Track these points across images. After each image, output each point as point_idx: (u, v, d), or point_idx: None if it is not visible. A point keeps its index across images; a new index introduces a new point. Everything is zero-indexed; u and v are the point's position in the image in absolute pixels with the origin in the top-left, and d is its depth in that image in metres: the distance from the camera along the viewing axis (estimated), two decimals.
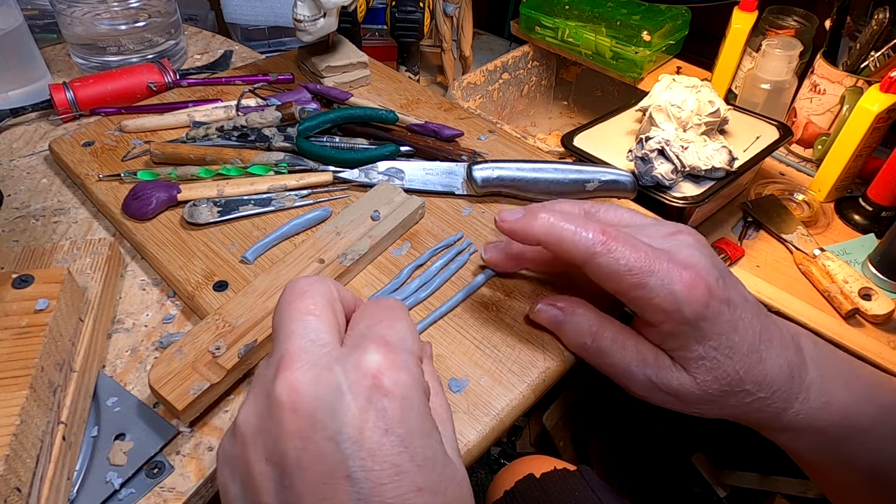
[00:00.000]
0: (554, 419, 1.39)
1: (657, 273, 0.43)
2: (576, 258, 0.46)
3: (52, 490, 0.42)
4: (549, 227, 0.47)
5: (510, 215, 0.50)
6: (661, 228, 0.48)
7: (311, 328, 0.36)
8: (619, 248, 0.44)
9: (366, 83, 0.93)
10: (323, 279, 0.40)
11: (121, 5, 0.92)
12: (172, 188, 0.67)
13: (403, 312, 0.40)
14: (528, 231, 0.48)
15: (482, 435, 0.49)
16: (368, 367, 0.33)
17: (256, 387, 0.36)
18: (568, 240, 0.45)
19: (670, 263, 0.43)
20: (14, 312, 0.47)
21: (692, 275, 0.43)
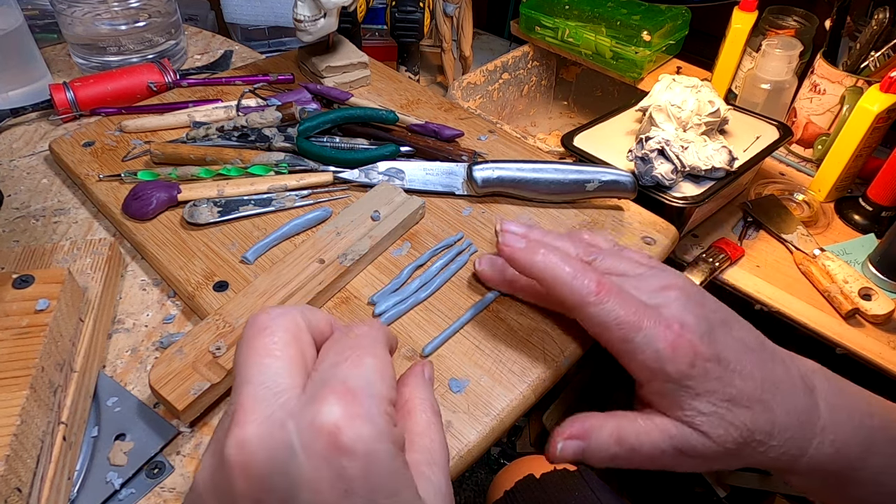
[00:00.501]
0: (554, 419, 1.39)
1: (643, 330, 0.43)
2: (568, 302, 0.46)
3: (53, 490, 0.42)
4: (547, 266, 0.47)
5: (513, 240, 0.50)
6: (653, 281, 0.48)
7: (269, 373, 0.34)
8: (611, 302, 0.44)
9: (366, 83, 0.93)
10: (288, 309, 0.37)
11: (121, 5, 0.92)
12: (173, 188, 0.67)
13: (374, 345, 0.37)
14: (527, 264, 0.48)
15: (482, 435, 0.49)
16: (325, 422, 0.31)
17: (213, 442, 0.34)
18: (565, 283, 0.46)
19: (656, 321, 0.44)
20: (14, 312, 0.47)
21: (675, 334, 0.43)
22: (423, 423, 0.39)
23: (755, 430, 0.44)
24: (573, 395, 1.42)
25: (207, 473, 0.33)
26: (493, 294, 0.59)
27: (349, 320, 0.57)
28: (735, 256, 0.89)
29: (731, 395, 0.43)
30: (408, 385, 0.42)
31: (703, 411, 0.44)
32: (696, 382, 0.43)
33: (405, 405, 0.40)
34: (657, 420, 0.45)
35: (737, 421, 0.43)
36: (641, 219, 0.70)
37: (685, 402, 0.44)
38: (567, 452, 0.46)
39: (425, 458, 0.37)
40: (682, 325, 0.44)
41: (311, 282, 0.57)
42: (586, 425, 0.46)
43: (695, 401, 0.44)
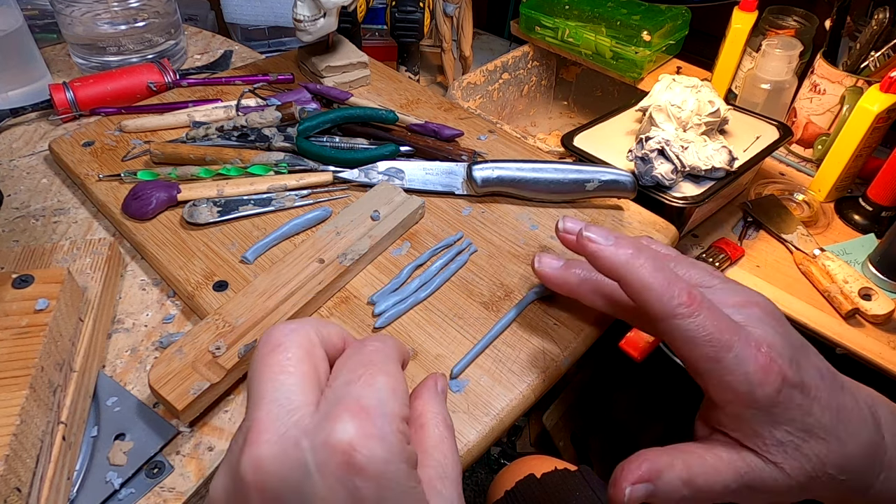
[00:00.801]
0: (554, 419, 1.39)
1: (734, 349, 0.40)
2: (656, 312, 0.43)
3: (52, 490, 0.42)
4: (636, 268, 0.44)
5: (599, 236, 0.46)
6: (730, 295, 0.45)
7: (283, 390, 0.34)
8: (703, 316, 0.41)
9: (366, 83, 0.93)
10: (301, 325, 0.37)
11: (121, 5, 0.92)
12: (172, 188, 0.67)
13: (386, 362, 0.36)
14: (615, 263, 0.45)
15: (482, 435, 0.49)
16: (339, 441, 0.31)
17: (227, 458, 0.34)
18: (653, 290, 0.43)
19: (746, 341, 0.41)
20: (14, 312, 0.47)
21: (767, 357, 0.40)
22: (436, 437, 0.39)
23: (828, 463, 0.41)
24: (573, 394, 1.42)
25: (221, 491, 0.33)
26: (533, 293, 0.59)
27: (349, 320, 0.57)
28: (735, 256, 0.89)
29: (808, 426, 0.41)
30: (421, 398, 0.42)
31: (781, 440, 0.41)
32: (780, 410, 0.41)
33: (418, 419, 0.40)
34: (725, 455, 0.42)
35: (811, 453, 0.41)
36: (641, 219, 0.70)
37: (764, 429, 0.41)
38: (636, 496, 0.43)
39: (437, 472, 0.37)
40: (770, 347, 0.41)
41: (310, 281, 0.57)
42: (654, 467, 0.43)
43: (774, 429, 0.41)
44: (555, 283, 0.55)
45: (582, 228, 0.47)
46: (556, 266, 0.55)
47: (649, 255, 0.44)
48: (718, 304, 0.43)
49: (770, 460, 0.41)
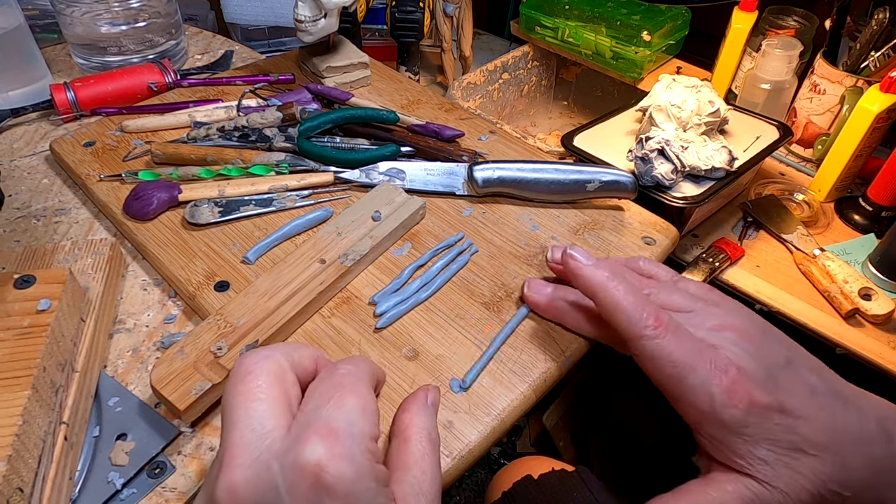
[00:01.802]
0: (554, 419, 1.39)
1: (698, 371, 0.42)
2: (624, 332, 0.45)
3: (55, 490, 0.42)
4: (609, 290, 0.46)
5: (581, 256, 0.49)
6: (710, 318, 0.47)
7: (255, 416, 0.35)
8: (667, 338, 0.43)
9: (366, 83, 0.93)
10: (272, 351, 0.39)
11: (121, 5, 0.92)
12: (173, 188, 0.67)
13: (357, 385, 0.38)
14: (591, 283, 0.48)
15: (483, 435, 0.49)
16: (307, 462, 0.32)
17: (205, 484, 0.35)
18: (623, 312, 0.45)
19: (712, 364, 0.42)
20: (16, 313, 0.48)
21: (731, 378, 0.42)
22: (418, 453, 0.40)
23: (827, 479, 0.41)
24: (573, 395, 1.42)
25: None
26: (525, 309, 0.59)
27: (350, 321, 0.57)
28: (735, 256, 0.89)
29: (794, 443, 0.41)
30: (408, 412, 0.43)
31: (764, 459, 0.41)
32: (752, 430, 0.41)
33: (403, 432, 0.41)
34: (729, 486, 0.42)
35: (804, 470, 0.41)
36: (641, 219, 0.70)
37: (742, 448, 0.42)
38: None
39: (414, 489, 0.38)
40: (738, 369, 0.42)
41: (312, 282, 0.57)
42: None
43: (754, 448, 0.42)
44: (542, 309, 0.58)
45: (566, 248, 0.50)
46: (545, 293, 0.57)
47: (624, 279, 0.47)
48: (695, 327, 0.45)
49: (764, 482, 0.42)
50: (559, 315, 0.57)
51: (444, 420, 0.49)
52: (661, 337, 0.43)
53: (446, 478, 0.47)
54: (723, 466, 0.44)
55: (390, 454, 0.40)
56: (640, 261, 0.56)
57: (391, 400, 0.50)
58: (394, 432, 0.42)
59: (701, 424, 0.43)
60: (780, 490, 0.41)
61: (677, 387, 0.43)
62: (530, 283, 0.58)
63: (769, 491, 0.41)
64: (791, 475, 0.41)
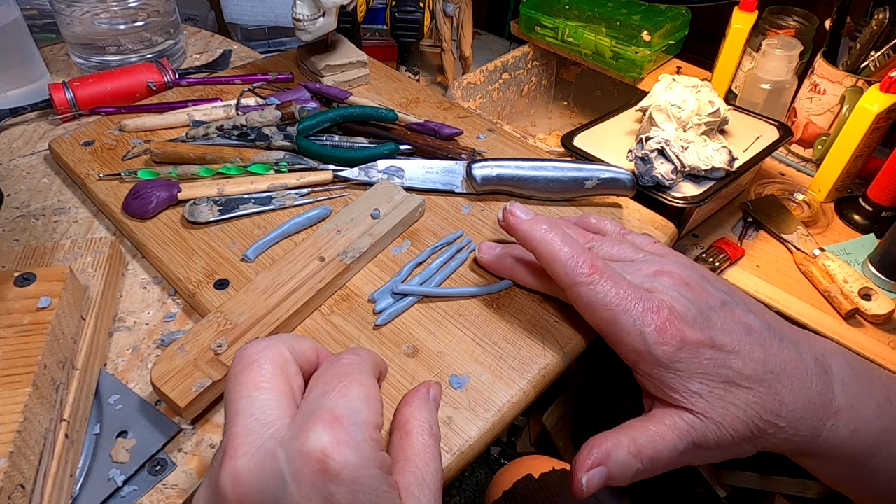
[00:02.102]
0: (554, 419, 1.39)
1: (631, 312, 0.45)
2: (561, 280, 0.48)
3: (56, 487, 0.42)
4: (546, 241, 0.49)
5: (521, 211, 0.51)
6: (649, 266, 0.49)
7: (258, 405, 0.35)
8: (601, 283, 0.46)
9: (365, 82, 0.93)
10: (274, 342, 0.39)
11: (120, 5, 0.92)
12: (173, 187, 0.67)
13: (360, 374, 0.38)
14: (528, 234, 0.50)
15: (483, 431, 0.49)
16: (313, 449, 0.32)
17: (208, 475, 0.35)
18: (559, 261, 0.48)
19: (645, 305, 0.45)
20: (16, 311, 0.47)
21: (663, 318, 0.44)
22: (419, 445, 0.40)
23: (760, 410, 0.44)
24: (573, 394, 1.42)
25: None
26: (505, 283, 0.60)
27: (350, 318, 0.57)
28: (735, 256, 0.90)
29: (727, 377, 0.44)
30: (410, 405, 0.43)
31: (697, 392, 0.44)
32: (685, 365, 0.44)
33: (405, 425, 0.41)
34: (667, 420, 0.45)
35: (738, 402, 0.44)
36: (640, 216, 0.70)
37: (676, 383, 0.44)
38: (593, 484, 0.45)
39: (417, 479, 0.38)
40: (670, 310, 0.45)
41: (311, 279, 0.57)
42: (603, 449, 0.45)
43: (687, 382, 0.44)
44: (493, 267, 0.61)
45: (507, 205, 0.53)
46: (493, 253, 0.60)
47: (560, 231, 0.49)
48: (632, 276, 0.48)
49: (699, 413, 0.44)
50: (507, 271, 0.59)
51: (443, 416, 0.49)
52: (595, 283, 0.46)
53: (447, 473, 0.47)
54: (662, 403, 0.46)
55: (392, 447, 0.41)
56: (591, 217, 0.59)
57: (391, 396, 0.50)
58: (395, 426, 0.42)
59: (637, 364, 0.46)
60: (714, 420, 0.44)
61: (612, 329, 0.46)
62: (481, 245, 0.61)
63: (703, 422, 0.44)
64: (724, 406, 0.44)
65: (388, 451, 0.41)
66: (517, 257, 0.58)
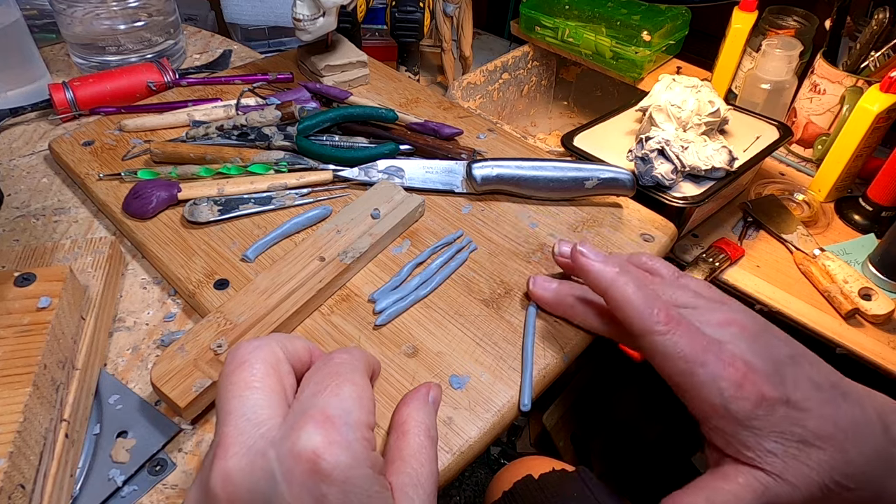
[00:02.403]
0: (554, 419, 1.39)
1: (707, 365, 0.43)
2: (634, 328, 0.46)
3: (56, 487, 0.42)
4: (619, 286, 0.47)
5: (591, 252, 0.50)
6: (714, 315, 0.47)
7: (249, 405, 0.35)
8: (679, 334, 0.44)
9: (365, 82, 0.93)
10: (266, 341, 0.38)
11: (120, 5, 0.92)
12: (173, 187, 0.67)
13: (353, 373, 0.38)
14: (602, 279, 0.48)
15: (483, 431, 0.49)
16: (304, 449, 0.32)
17: (199, 475, 0.35)
18: (634, 308, 0.46)
19: (720, 358, 0.43)
20: (16, 310, 0.47)
21: (740, 373, 0.42)
22: (415, 446, 0.40)
23: (832, 471, 0.42)
24: (573, 394, 1.42)
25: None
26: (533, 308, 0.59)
27: (350, 318, 0.57)
28: (735, 256, 0.89)
29: (801, 436, 0.42)
30: (408, 406, 0.43)
31: (773, 451, 0.42)
32: (761, 423, 0.42)
33: (402, 426, 0.41)
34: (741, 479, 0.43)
35: (812, 462, 0.42)
36: (640, 216, 0.70)
37: (751, 441, 0.43)
38: None
39: (411, 480, 0.38)
40: (746, 364, 0.43)
41: (311, 279, 0.57)
42: None
43: (763, 440, 0.42)
44: (549, 305, 0.58)
45: (576, 244, 0.51)
46: (550, 288, 0.58)
47: (633, 276, 0.48)
48: (700, 323, 0.46)
49: (773, 473, 0.42)
50: (567, 311, 0.57)
51: (444, 416, 0.49)
52: (671, 333, 0.44)
53: (447, 473, 0.47)
54: (732, 460, 0.44)
55: (388, 447, 0.40)
56: (642, 257, 0.56)
57: (391, 396, 0.50)
58: (393, 426, 0.42)
59: (710, 418, 0.44)
60: (790, 482, 0.42)
61: (688, 381, 0.44)
62: (535, 280, 0.59)
63: (779, 483, 0.42)
64: (799, 467, 0.42)
65: (385, 451, 0.41)
66: (578, 297, 0.56)
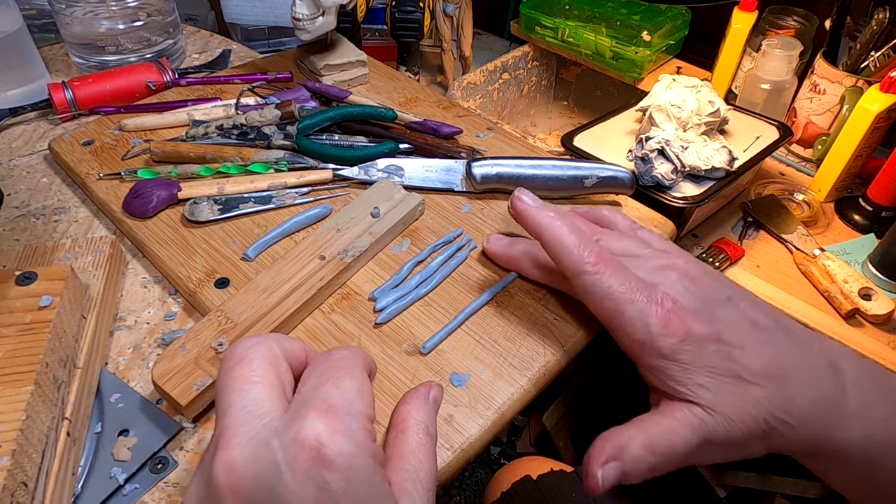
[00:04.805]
0: (554, 419, 1.39)
1: (635, 303, 0.45)
2: (566, 268, 0.48)
3: (58, 485, 0.42)
4: (553, 228, 0.49)
5: (529, 198, 0.52)
6: (655, 261, 0.50)
7: (250, 398, 0.35)
8: (607, 273, 0.46)
9: (364, 81, 0.93)
10: (264, 339, 0.39)
11: (119, 5, 0.92)
12: (173, 186, 0.67)
13: (353, 368, 0.38)
14: (535, 221, 0.50)
15: (483, 429, 0.49)
16: (307, 437, 0.32)
17: (200, 467, 0.35)
18: (565, 248, 0.48)
19: (649, 297, 0.45)
20: (18, 309, 0.47)
21: (666, 310, 0.44)
22: (414, 443, 0.40)
23: (771, 407, 0.43)
24: (573, 394, 1.42)
25: (194, 500, 0.34)
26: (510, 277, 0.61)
27: (351, 316, 0.57)
28: (735, 256, 0.89)
29: (734, 371, 0.44)
30: (408, 404, 0.43)
31: (703, 385, 0.44)
32: (689, 357, 0.44)
33: (401, 423, 0.41)
34: (677, 414, 0.45)
35: (747, 397, 0.43)
36: (639, 214, 0.70)
37: (680, 375, 0.44)
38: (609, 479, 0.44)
39: (409, 476, 0.38)
40: (674, 302, 0.45)
41: (312, 278, 0.57)
42: (617, 443, 0.45)
43: (692, 375, 0.44)
44: (498, 258, 0.62)
45: (516, 190, 0.53)
46: (501, 244, 0.61)
47: (568, 220, 0.50)
48: (637, 269, 0.48)
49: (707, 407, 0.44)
50: (514, 263, 0.60)
51: (444, 414, 0.49)
52: (600, 273, 0.46)
53: (448, 471, 0.47)
54: (669, 398, 0.46)
55: (388, 445, 0.41)
56: (603, 209, 0.60)
57: (391, 394, 0.50)
58: (392, 424, 0.42)
59: (640, 356, 0.46)
60: (724, 415, 0.43)
61: (616, 319, 0.46)
62: (490, 237, 0.62)
63: (712, 416, 0.44)
64: (734, 401, 0.43)
65: (384, 448, 0.41)
66: (525, 250, 0.59)
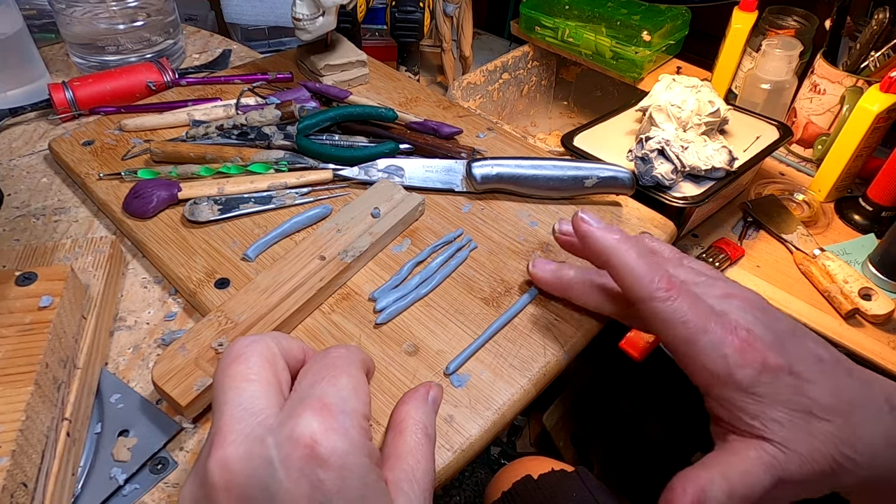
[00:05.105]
0: (554, 419, 1.39)
1: (709, 332, 0.43)
2: (636, 294, 0.45)
3: (58, 485, 0.42)
4: (621, 251, 0.46)
5: (592, 219, 0.49)
6: (716, 288, 0.47)
7: (246, 396, 0.35)
8: (680, 300, 0.44)
9: (364, 81, 0.93)
10: (262, 337, 0.39)
11: (119, 5, 0.92)
12: (173, 186, 0.67)
13: (349, 366, 0.38)
14: (602, 244, 0.47)
15: (484, 429, 0.49)
16: (302, 435, 0.32)
17: (196, 465, 0.35)
18: (635, 273, 0.45)
19: (723, 325, 0.43)
20: (18, 310, 0.47)
21: (742, 339, 0.42)
22: (412, 443, 0.40)
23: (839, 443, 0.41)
24: (573, 395, 1.42)
25: (189, 498, 0.34)
26: (527, 296, 0.59)
27: (351, 317, 0.57)
28: (735, 256, 0.89)
29: (806, 406, 0.42)
30: (406, 404, 0.43)
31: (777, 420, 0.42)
32: (764, 389, 0.42)
33: (399, 424, 0.41)
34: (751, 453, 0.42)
35: (817, 433, 0.41)
36: (640, 215, 0.70)
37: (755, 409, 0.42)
38: None
39: (406, 476, 0.38)
40: (749, 332, 0.43)
41: (312, 278, 0.57)
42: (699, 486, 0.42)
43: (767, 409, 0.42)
44: (548, 285, 0.58)
45: (577, 212, 0.50)
46: (549, 269, 0.58)
47: (635, 242, 0.47)
48: (703, 295, 0.46)
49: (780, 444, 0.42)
50: (565, 289, 0.57)
51: (444, 414, 0.49)
52: (672, 299, 0.44)
53: (448, 471, 0.47)
54: (738, 434, 0.44)
55: (386, 444, 0.41)
56: (644, 237, 0.56)
57: (391, 394, 0.50)
58: (391, 424, 0.42)
59: (713, 387, 0.44)
60: (797, 452, 0.41)
61: (690, 348, 0.43)
62: (535, 261, 0.59)
63: (787, 454, 0.42)
64: (806, 438, 0.41)
65: (382, 448, 0.41)
66: (576, 275, 0.56)
